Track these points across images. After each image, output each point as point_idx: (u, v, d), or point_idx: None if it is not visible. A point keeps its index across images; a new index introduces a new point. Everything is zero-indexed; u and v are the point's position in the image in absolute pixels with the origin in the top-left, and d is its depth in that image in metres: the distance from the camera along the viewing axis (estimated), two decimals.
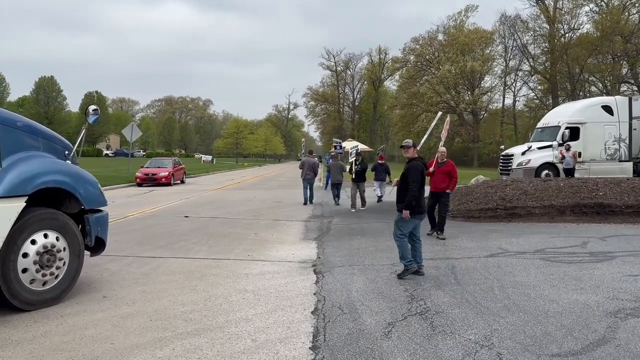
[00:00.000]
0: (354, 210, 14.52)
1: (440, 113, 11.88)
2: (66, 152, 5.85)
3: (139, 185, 25.04)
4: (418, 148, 7.73)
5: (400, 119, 70.36)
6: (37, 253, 4.97)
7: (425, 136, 12.76)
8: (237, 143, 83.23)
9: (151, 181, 25.14)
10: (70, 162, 5.76)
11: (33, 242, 4.97)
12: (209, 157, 79.57)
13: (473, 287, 6.19)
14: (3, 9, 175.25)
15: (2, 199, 4.61)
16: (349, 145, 17.70)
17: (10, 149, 4.93)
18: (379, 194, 16.98)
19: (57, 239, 5.21)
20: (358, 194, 15.22)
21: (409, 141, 7.20)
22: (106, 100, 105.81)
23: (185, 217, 12.72)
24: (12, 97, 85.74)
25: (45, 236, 5.09)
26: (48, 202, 5.42)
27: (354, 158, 16.03)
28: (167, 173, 25.65)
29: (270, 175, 42.75)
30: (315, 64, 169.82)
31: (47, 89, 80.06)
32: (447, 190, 10.11)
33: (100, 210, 6.05)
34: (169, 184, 25.42)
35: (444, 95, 63.55)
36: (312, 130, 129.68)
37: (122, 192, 21.19)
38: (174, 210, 14.45)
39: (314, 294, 5.93)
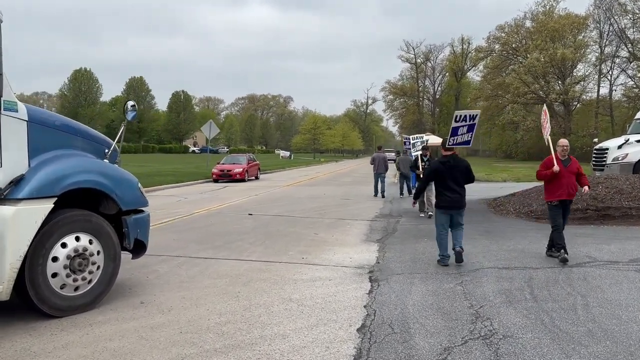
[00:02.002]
0: (423, 215, 12.52)
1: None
2: (106, 151, 5.64)
3: (215, 181, 25.52)
4: (451, 145, 8.06)
5: (484, 111, 67.24)
6: (68, 257, 4.76)
7: (475, 133, 11.71)
8: (315, 139, 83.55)
9: (226, 177, 25.54)
10: (107, 160, 5.53)
11: (63, 245, 4.76)
12: (287, 153, 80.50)
13: (552, 305, 5.30)
14: (97, 14, 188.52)
15: (27, 201, 4.42)
16: (415, 137, 15.86)
17: (40, 148, 4.75)
18: None
19: (90, 242, 4.99)
20: (426, 197, 12.49)
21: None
22: (193, 99, 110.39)
23: (249, 214, 12.51)
24: (105, 97, 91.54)
25: (77, 239, 4.87)
26: (84, 203, 5.23)
27: (419, 152, 13.61)
28: (241, 169, 25.96)
29: (345, 171, 42.31)
30: (394, 58, 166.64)
31: (137, 89, 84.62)
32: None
33: (142, 211, 5.80)
34: (243, 180, 25.69)
35: (531, 85, 59.91)
36: (390, 124, 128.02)
37: (197, 188, 21.61)
38: (240, 207, 14.33)
39: (365, 306, 5.32)
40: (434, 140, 27.21)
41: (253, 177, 27.96)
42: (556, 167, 7.49)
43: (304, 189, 21.90)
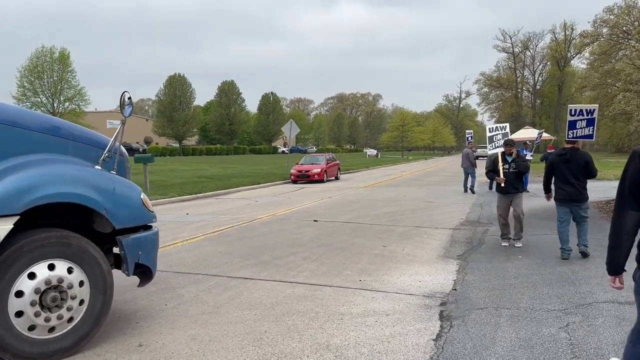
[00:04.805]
0: (505, 245, 8.44)
1: None
2: (105, 155, 4.60)
3: (294, 182, 24.68)
4: (570, 138, 7.66)
5: (591, 102, 61.29)
6: (37, 291, 3.74)
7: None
8: (403, 136, 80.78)
9: (304, 178, 24.58)
10: (100, 167, 4.47)
11: (31, 276, 3.75)
12: (374, 152, 78.52)
13: None
14: (197, 24, 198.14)
15: None
16: (493, 128, 10.67)
17: (3, 154, 3.78)
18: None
19: (70, 270, 3.95)
20: (512, 213, 8.51)
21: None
22: (282, 101, 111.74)
23: (314, 221, 11.26)
24: (201, 101, 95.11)
25: (51, 267, 3.85)
26: (74, 221, 4.24)
27: (500, 150, 8.93)
28: (319, 170, 24.84)
29: (433, 169, 39.95)
30: (488, 50, 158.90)
31: (228, 93, 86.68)
32: None
33: (149, 228, 4.71)
34: (321, 181, 24.59)
35: None
36: (485, 118, 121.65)
37: (272, 190, 20.80)
38: (308, 211, 13.13)
39: None
40: (532, 134, 24.50)
41: (332, 178, 26.77)
42: None
43: (382, 190, 20.31)
